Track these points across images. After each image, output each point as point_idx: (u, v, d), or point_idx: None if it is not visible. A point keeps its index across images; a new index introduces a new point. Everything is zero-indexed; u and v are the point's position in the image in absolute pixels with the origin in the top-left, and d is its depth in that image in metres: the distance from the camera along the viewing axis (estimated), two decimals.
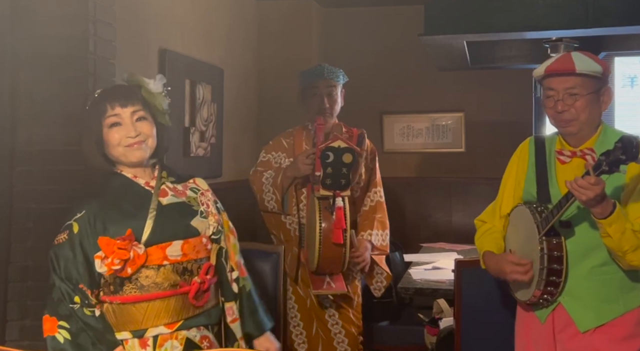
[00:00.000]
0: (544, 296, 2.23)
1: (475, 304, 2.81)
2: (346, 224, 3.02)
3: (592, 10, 2.95)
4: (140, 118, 2.16)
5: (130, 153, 2.15)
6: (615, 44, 3.55)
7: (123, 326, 2.11)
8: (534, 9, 3.02)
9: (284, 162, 3.36)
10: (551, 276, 2.19)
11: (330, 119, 3.38)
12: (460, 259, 2.94)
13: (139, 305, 2.10)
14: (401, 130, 5.31)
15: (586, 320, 2.21)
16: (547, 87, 2.29)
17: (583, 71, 2.21)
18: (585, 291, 2.22)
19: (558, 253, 2.19)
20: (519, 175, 2.44)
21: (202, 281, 2.16)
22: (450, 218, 5.23)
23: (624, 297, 2.22)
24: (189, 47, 3.91)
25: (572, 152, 2.30)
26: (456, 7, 3.16)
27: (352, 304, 3.40)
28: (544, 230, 2.18)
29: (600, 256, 2.21)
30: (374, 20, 5.29)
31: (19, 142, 2.76)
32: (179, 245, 2.14)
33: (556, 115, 2.27)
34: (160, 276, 2.11)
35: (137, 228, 2.09)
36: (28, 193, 2.75)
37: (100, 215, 2.10)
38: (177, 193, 2.22)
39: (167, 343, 2.11)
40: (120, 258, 2.04)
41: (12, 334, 2.72)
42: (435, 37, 3.25)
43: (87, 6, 2.75)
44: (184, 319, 2.14)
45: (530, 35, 3.36)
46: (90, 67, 2.77)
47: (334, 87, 3.37)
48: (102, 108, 2.14)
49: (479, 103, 5.19)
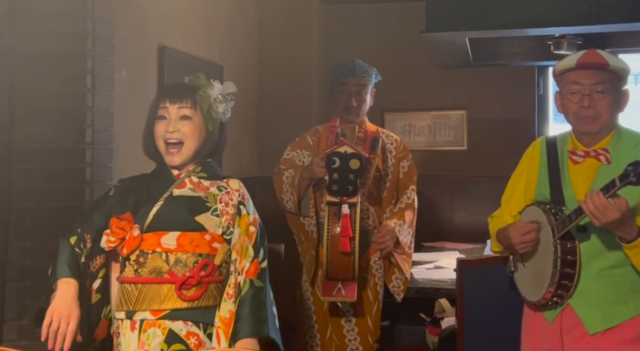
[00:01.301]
0: (553, 299, 2.23)
1: (477, 304, 2.81)
2: (353, 232, 2.96)
3: (595, 7, 2.94)
4: (184, 117, 2.26)
5: (168, 155, 2.28)
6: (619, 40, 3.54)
7: (121, 306, 2.23)
8: (537, 5, 3.02)
9: (307, 161, 3.29)
10: (563, 280, 2.18)
11: (356, 119, 3.32)
12: (463, 258, 2.93)
13: (133, 286, 2.21)
14: (403, 128, 5.30)
15: (595, 322, 2.20)
16: (572, 81, 2.24)
17: (614, 67, 2.20)
18: (594, 293, 2.20)
19: (572, 258, 2.17)
20: (530, 176, 2.40)
21: (192, 275, 2.18)
22: (452, 216, 5.21)
23: (633, 300, 2.20)
24: (188, 44, 3.90)
25: (585, 152, 2.27)
26: (458, 4, 3.16)
27: (371, 310, 3.34)
28: (560, 234, 2.16)
29: (610, 258, 2.20)
30: (375, 17, 5.28)
31: (17, 140, 2.75)
32: (175, 235, 2.21)
33: (580, 111, 2.23)
34: (150, 262, 2.19)
35: (145, 213, 2.23)
36: (26, 192, 2.74)
37: (127, 192, 2.28)
38: (198, 188, 2.28)
39: (150, 329, 2.17)
40: (116, 236, 2.18)
41: (9, 334, 2.71)
42: (437, 34, 3.25)
43: (86, 3, 2.74)
44: (170, 309, 2.17)
45: (533, 32, 3.35)
46: (89, 64, 2.76)
47: (363, 85, 3.31)
48: (157, 101, 2.30)
49: (481, 101, 5.18)
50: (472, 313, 2.81)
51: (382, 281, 3.38)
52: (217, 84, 2.33)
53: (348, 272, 3.05)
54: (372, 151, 3.24)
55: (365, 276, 3.28)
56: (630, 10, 2.92)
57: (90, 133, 2.78)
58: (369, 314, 3.33)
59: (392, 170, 3.38)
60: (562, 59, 2.31)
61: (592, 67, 2.21)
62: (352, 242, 2.96)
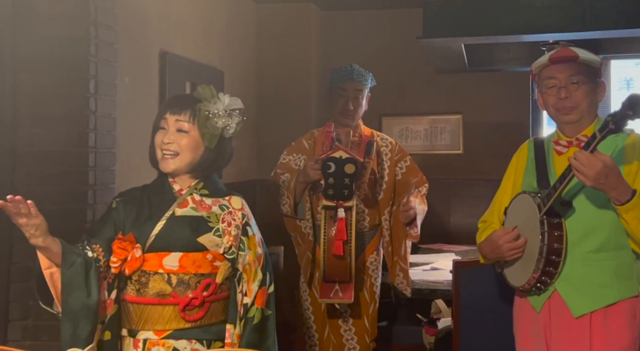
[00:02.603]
0: (542, 278, 2.22)
1: (473, 304, 2.82)
2: (348, 236, 2.98)
3: (589, 13, 2.95)
4: (180, 130, 2.20)
5: (163, 161, 2.22)
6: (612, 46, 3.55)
7: (124, 323, 2.19)
8: (532, 12, 3.03)
9: (303, 164, 3.30)
10: (551, 255, 2.19)
11: (352, 122, 3.36)
12: (459, 260, 2.94)
13: (135, 306, 2.16)
14: (400, 132, 5.31)
15: (580, 304, 2.22)
16: (549, 77, 2.33)
17: (584, 59, 2.29)
18: (580, 277, 2.22)
19: (558, 233, 2.20)
20: (518, 172, 2.46)
21: (195, 297, 2.15)
22: (448, 219, 5.23)
23: (618, 284, 2.22)
24: (189, 49, 3.91)
25: (568, 142, 2.34)
26: (454, 11, 3.16)
27: (368, 310, 3.36)
28: (545, 208, 2.18)
29: (596, 241, 2.22)
30: (373, 23, 5.29)
31: (21, 144, 2.75)
32: (178, 256, 2.16)
33: (558, 103, 2.31)
34: (152, 283, 2.15)
35: (147, 232, 2.17)
36: (29, 194, 2.70)
37: (130, 206, 2.22)
38: (200, 207, 2.22)
39: (154, 348, 2.15)
40: (118, 257, 2.12)
41: (14, 334, 2.72)
42: (434, 40, 3.25)
43: (89, 9, 2.75)
44: (174, 329, 2.15)
45: (527, 38, 3.36)
46: (92, 69, 2.77)
47: (360, 90, 3.35)
48: (161, 111, 2.26)
49: (477, 105, 5.20)
50: (468, 314, 2.82)
51: (378, 281, 3.40)
52: (226, 98, 2.24)
53: (345, 274, 3.07)
54: (366, 155, 3.26)
55: (361, 277, 3.29)
56: (622, 17, 2.94)
57: (93, 137, 2.79)
58: (366, 314, 3.35)
59: (387, 173, 3.39)
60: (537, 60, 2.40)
61: (563, 61, 2.31)
62: (347, 245, 2.98)
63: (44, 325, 2.67)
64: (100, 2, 2.81)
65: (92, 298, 2.09)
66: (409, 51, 4.99)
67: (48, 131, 2.75)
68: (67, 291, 2.07)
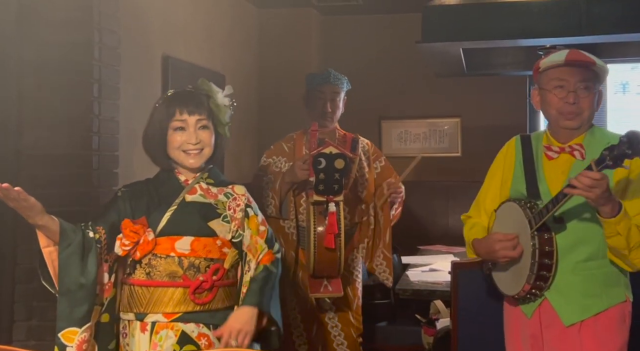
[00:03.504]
0: (532, 291, 2.22)
1: (471, 305, 2.81)
2: (339, 229, 3.02)
3: (585, 18, 2.95)
4: (202, 127, 2.26)
5: (186, 158, 2.25)
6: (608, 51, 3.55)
7: (130, 307, 2.20)
8: (528, 17, 3.03)
9: (284, 166, 3.36)
10: (542, 270, 2.18)
11: (331, 124, 3.42)
12: (457, 261, 2.94)
13: (144, 289, 2.18)
14: (399, 135, 5.31)
15: (570, 314, 2.20)
16: (558, 78, 2.24)
17: (599, 66, 2.23)
18: (569, 286, 2.21)
19: (549, 248, 2.17)
20: (505, 174, 2.41)
21: (205, 280, 2.19)
22: (447, 221, 5.23)
23: (607, 292, 2.21)
24: (191, 53, 3.92)
25: (560, 148, 2.27)
26: (453, 16, 3.16)
27: (352, 306, 3.40)
28: (537, 225, 2.16)
29: (585, 251, 2.21)
30: (372, 28, 5.30)
31: (25, 146, 2.76)
32: (189, 240, 2.20)
33: (564, 106, 2.22)
34: (164, 266, 2.18)
35: (158, 218, 2.20)
36: (33, 196, 2.71)
37: (136, 197, 2.24)
38: (207, 195, 2.28)
39: (162, 331, 2.16)
40: (130, 240, 2.14)
41: (19, 334, 2.72)
42: (433, 44, 3.25)
43: (92, 14, 2.76)
44: (183, 312, 2.17)
45: (524, 43, 3.36)
46: (95, 73, 2.78)
47: (337, 93, 3.41)
48: (171, 111, 2.25)
49: (475, 108, 5.20)
50: (466, 314, 2.81)
51: (359, 278, 3.45)
52: (219, 89, 2.35)
53: (334, 269, 3.11)
54: (353, 151, 3.32)
55: (344, 274, 3.32)
56: (618, 22, 2.94)
57: (97, 140, 2.80)
58: (350, 310, 3.41)
59: (367, 171, 3.44)
60: (547, 57, 2.32)
61: (579, 65, 2.22)
62: (337, 238, 3.03)
63: (48, 326, 2.67)
64: (104, 7, 2.82)
65: (89, 279, 2.09)
66: (408, 55, 4.99)
67: (52, 134, 2.75)
68: (64, 271, 2.08)
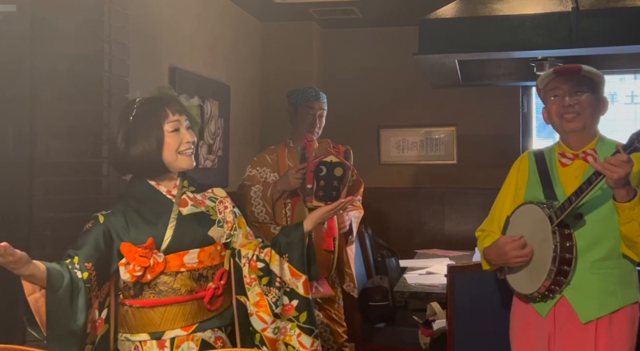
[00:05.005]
0: (551, 287, 2.22)
1: (466, 307, 2.82)
2: (336, 233, 3.09)
3: (575, 32, 2.97)
4: (188, 127, 2.19)
5: (183, 160, 2.16)
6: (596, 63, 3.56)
7: (142, 328, 2.12)
8: (521, 30, 3.05)
9: (269, 177, 3.43)
10: (563, 265, 2.18)
11: (316, 137, 3.50)
12: (453, 264, 2.95)
13: (157, 309, 2.11)
14: (397, 143, 5.34)
15: (588, 310, 2.21)
16: (553, 88, 2.30)
17: (587, 71, 2.27)
18: (587, 284, 2.22)
19: (569, 243, 2.19)
20: (519, 182, 2.42)
21: (217, 287, 2.17)
22: (443, 226, 5.24)
23: (622, 291, 2.23)
24: (197, 65, 3.94)
25: (574, 155, 2.30)
26: (448, 29, 3.19)
27: (334, 305, 3.49)
28: (558, 219, 2.16)
29: (602, 250, 2.22)
30: (371, 40, 5.33)
31: (38, 155, 2.77)
32: (196, 253, 2.14)
33: (563, 110, 2.27)
34: (177, 283, 2.11)
35: (158, 236, 2.09)
36: (46, 202, 2.76)
37: (124, 216, 2.10)
38: (197, 203, 2.21)
39: (183, 344, 2.11)
40: (141, 266, 2.03)
41: (32, 334, 2.72)
42: (429, 56, 3.27)
43: (103, 27, 2.78)
44: (200, 322, 2.14)
45: (517, 55, 3.38)
46: (105, 84, 2.80)
47: (324, 109, 3.51)
48: (162, 114, 2.14)
49: (470, 118, 5.23)
50: (462, 316, 2.83)
51: (338, 279, 3.51)
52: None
53: (326, 270, 3.18)
54: (346, 160, 3.35)
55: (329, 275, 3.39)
56: (606, 35, 2.96)
57: (106, 148, 2.81)
58: (332, 308, 3.48)
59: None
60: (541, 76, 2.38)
61: (568, 72, 2.28)
62: (335, 241, 3.12)
63: None
64: (114, 21, 2.84)
65: (79, 324, 1.95)
66: (406, 67, 5.02)
67: (64, 142, 2.76)
68: (53, 318, 1.93)
